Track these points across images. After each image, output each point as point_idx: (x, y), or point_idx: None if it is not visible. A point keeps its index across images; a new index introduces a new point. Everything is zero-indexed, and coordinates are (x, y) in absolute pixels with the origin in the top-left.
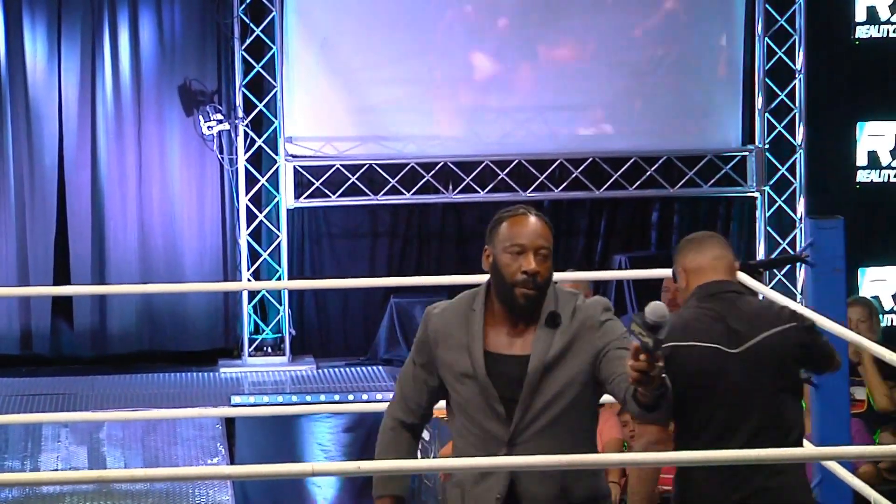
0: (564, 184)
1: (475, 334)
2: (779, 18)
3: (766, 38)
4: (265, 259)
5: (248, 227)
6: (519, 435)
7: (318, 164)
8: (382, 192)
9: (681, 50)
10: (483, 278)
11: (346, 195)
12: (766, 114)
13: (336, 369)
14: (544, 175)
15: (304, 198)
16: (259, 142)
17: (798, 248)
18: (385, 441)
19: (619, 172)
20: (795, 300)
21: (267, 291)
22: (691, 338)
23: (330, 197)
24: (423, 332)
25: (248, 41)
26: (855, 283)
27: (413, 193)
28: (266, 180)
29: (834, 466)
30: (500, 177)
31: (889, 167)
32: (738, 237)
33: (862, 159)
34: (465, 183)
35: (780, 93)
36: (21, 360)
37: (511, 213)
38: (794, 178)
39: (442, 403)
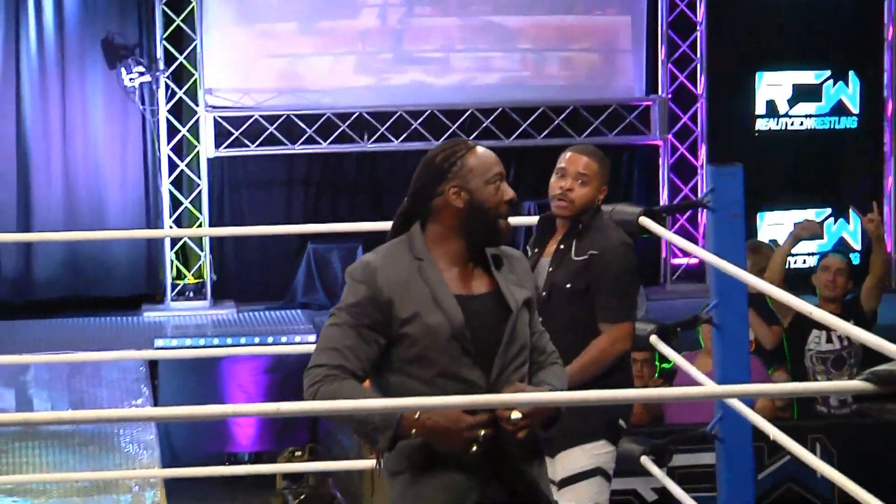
0: (475, 133)
1: (437, 281)
2: None
3: None
4: (186, 207)
5: (169, 177)
6: (499, 380)
7: (237, 114)
8: (299, 142)
9: (587, 3)
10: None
11: (264, 145)
12: (669, 64)
13: (256, 313)
14: (456, 125)
15: (224, 147)
16: (180, 93)
17: (699, 194)
18: (334, 387)
19: (528, 122)
20: (697, 244)
21: (188, 238)
22: None
23: (249, 146)
24: (370, 290)
25: None
26: (754, 227)
27: (329, 143)
28: (187, 130)
29: (735, 404)
30: (413, 126)
31: (786, 115)
32: (641, 184)
33: (761, 108)
34: (379, 133)
35: (681, 44)
36: None
37: (464, 144)
38: (696, 127)
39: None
